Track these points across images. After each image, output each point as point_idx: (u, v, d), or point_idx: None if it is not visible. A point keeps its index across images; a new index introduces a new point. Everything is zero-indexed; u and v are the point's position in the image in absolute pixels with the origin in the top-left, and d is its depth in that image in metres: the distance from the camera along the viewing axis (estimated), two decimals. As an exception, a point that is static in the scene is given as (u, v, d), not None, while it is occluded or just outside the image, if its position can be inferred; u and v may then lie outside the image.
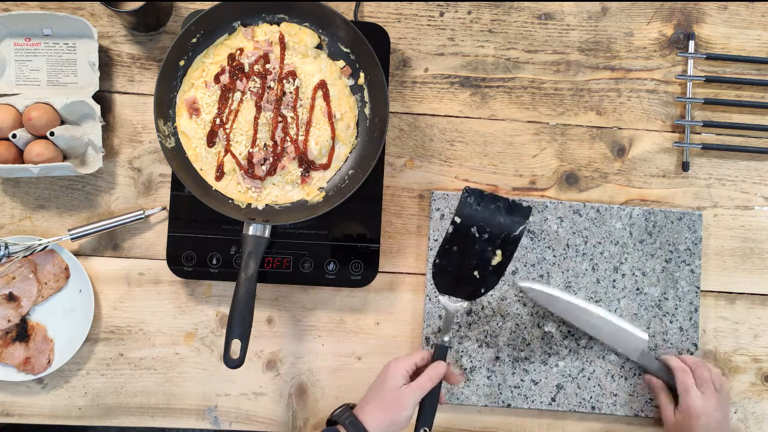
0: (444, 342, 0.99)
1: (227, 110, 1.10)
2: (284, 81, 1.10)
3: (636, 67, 1.19)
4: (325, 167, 1.12)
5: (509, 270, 1.13)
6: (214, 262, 1.11)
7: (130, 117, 1.16)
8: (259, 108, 1.10)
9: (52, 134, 1.07)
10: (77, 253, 1.13)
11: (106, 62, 1.16)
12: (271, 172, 1.10)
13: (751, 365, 1.17)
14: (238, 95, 1.10)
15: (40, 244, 1.10)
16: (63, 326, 1.12)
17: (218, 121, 1.10)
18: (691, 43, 1.19)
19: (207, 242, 1.11)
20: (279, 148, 1.10)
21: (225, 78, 1.10)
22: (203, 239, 1.11)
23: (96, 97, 1.11)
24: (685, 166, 1.18)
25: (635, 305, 1.14)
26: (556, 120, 1.19)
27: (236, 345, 1.01)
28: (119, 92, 1.16)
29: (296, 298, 1.15)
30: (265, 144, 1.10)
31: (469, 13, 1.19)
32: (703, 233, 1.16)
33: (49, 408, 1.12)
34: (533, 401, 1.13)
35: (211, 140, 1.10)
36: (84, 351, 1.12)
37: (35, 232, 1.14)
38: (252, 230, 1.06)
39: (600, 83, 1.19)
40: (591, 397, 1.13)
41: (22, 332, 1.11)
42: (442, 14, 1.18)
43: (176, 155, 1.10)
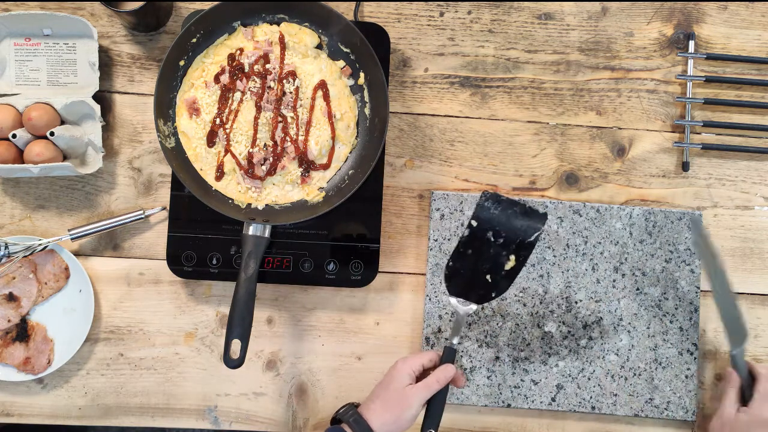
0: (453, 344, 0.99)
1: (227, 110, 1.10)
2: (284, 81, 1.10)
3: (636, 67, 1.19)
4: (325, 167, 1.12)
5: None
6: (214, 262, 1.11)
7: (130, 117, 1.16)
8: (259, 108, 1.10)
9: (52, 134, 1.07)
10: (77, 253, 1.13)
11: (106, 62, 1.16)
12: (271, 172, 1.10)
13: (751, 365, 1.17)
14: (238, 95, 1.10)
15: (40, 244, 1.10)
16: (63, 326, 1.12)
17: (218, 121, 1.10)
18: (691, 43, 1.19)
19: (207, 242, 1.11)
20: (279, 148, 1.10)
21: (225, 78, 1.10)
22: (203, 239, 1.11)
23: (96, 97, 1.11)
24: (685, 166, 1.18)
25: (635, 305, 1.14)
26: (556, 120, 1.18)
27: (236, 345, 1.01)
28: (119, 92, 1.16)
29: (296, 298, 1.15)
30: (265, 144, 1.10)
31: (469, 13, 1.19)
32: (703, 233, 1.16)
33: (49, 408, 1.12)
34: (533, 401, 1.13)
35: (211, 140, 1.10)
36: (84, 351, 1.12)
37: (35, 232, 1.14)
38: (252, 230, 1.06)
39: (600, 83, 1.19)
40: (591, 397, 1.13)
41: (22, 332, 1.11)
42: (442, 14, 1.18)
43: (176, 155, 1.10)
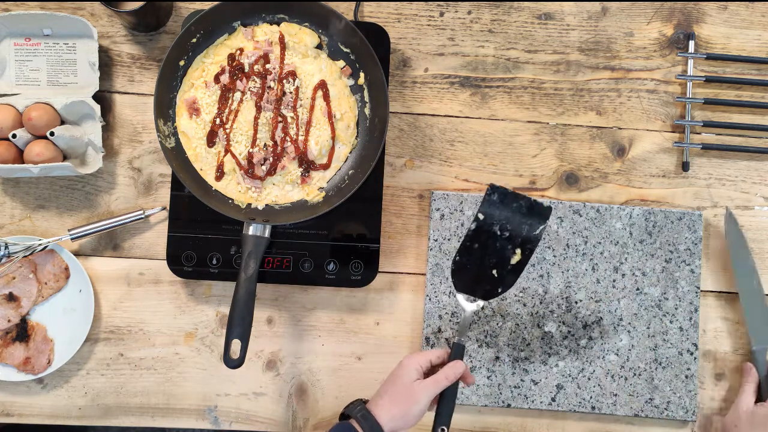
0: (461, 341, 0.99)
1: (227, 110, 1.10)
2: (284, 81, 1.10)
3: (636, 67, 1.19)
4: (325, 167, 1.12)
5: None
6: (214, 262, 1.11)
7: (130, 117, 1.16)
8: (259, 108, 1.10)
9: (52, 134, 1.07)
10: (77, 253, 1.13)
11: (106, 62, 1.16)
12: (271, 172, 1.10)
13: (751, 365, 1.17)
14: (238, 95, 1.10)
15: (40, 244, 1.10)
16: (63, 326, 1.12)
17: (218, 121, 1.10)
18: (691, 43, 1.19)
19: (207, 242, 1.11)
20: (279, 148, 1.10)
21: (225, 78, 1.10)
22: (203, 239, 1.11)
23: (96, 97, 1.11)
24: (685, 166, 1.18)
25: (635, 305, 1.14)
26: (556, 120, 1.18)
27: (236, 345, 1.01)
28: (119, 92, 1.16)
29: (296, 298, 1.15)
30: (265, 144, 1.10)
31: (469, 13, 1.19)
32: (703, 233, 1.16)
33: (49, 408, 1.12)
34: (533, 401, 1.13)
35: (211, 140, 1.10)
36: (84, 351, 1.12)
37: (35, 232, 1.14)
38: (252, 230, 1.06)
39: (600, 83, 1.19)
40: (591, 397, 1.13)
41: (22, 332, 1.11)
42: (442, 14, 1.18)
43: (176, 155, 1.10)
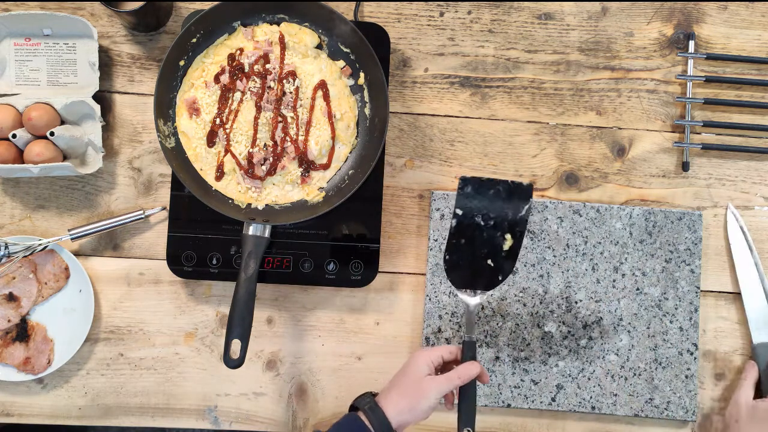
0: (471, 338, 0.97)
1: (227, 110, 1.10)
2: (284, 81, 1.10)
3: (636, 67, 1.19)
4: (325, 167, 1.12)
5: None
6: (214, 262, 1.11)
7: (130, 117, 1.16)
8: (259, 108, 1.10)
9: (52, 134, 1.07)
10: (77, 253, 1.13)
11: (106, 62, 1.16)
12: (271, 172, 1.10)
13: (751, 365, 1.17)
14: (238, 95, 1.10)
15: (40, 244, 1.10)
16: (63, 326, 1.12)
17: (218, 121, 1.10)
18: (691, 43, 1.19)
19: (207, 242, 1.11)
20: (279, 148, 1.10)
21: (225, 78, 1.10)
22: (203, 239, 1.11)
23: (96, 97, 1.11)
24: (685, 166, 1.18)
25: (635, 305, 1.14)
26: (556, 120, 1.18)
27: (236, 345, 1.01)
28: (119, 92, 1.16)
29: (296, 298, 1.15)
30: (265, 144, 1.10)
31: (469, 13, 1.19)
32: (703, 233, 1.16)
33: (49, 408, 1.12)
34: (533, 401, 1.13)
35: (211, 140, 1.10)
36: (84, 351, 1.12)
37: (35, 232, 1.14)
38: (252, 230, 1.06)
39: (600, 83, 1.19)
40: (591, 397, 1.13)
41: (22, 332, 1.11)
42: (442, 14, 1.18)
43: (176, 155, 1.10)
